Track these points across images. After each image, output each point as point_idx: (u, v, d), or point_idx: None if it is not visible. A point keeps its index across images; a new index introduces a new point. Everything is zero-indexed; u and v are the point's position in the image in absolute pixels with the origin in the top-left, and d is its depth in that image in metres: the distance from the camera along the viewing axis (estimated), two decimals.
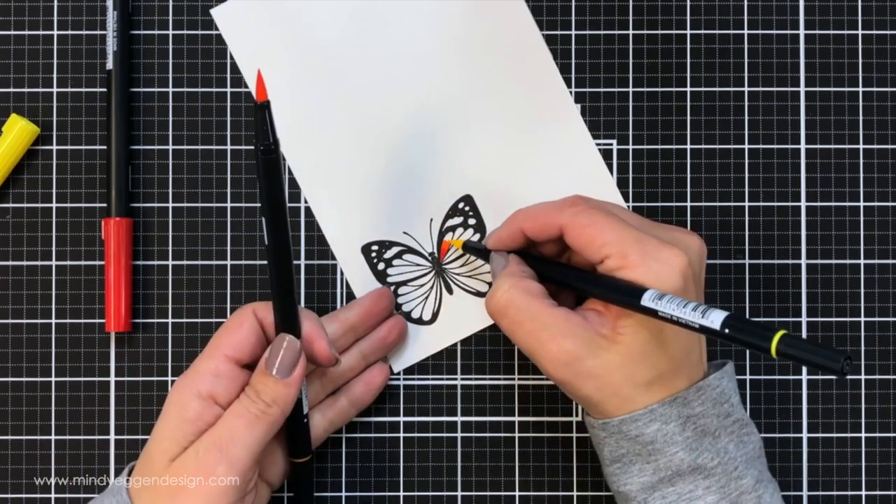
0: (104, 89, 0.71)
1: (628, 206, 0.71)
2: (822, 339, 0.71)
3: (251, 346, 0.63)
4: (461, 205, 0.71)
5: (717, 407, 0.62)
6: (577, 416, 0.71)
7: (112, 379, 0.71)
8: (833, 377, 0.70)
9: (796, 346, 0.54)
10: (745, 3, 0.71)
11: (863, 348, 0.71)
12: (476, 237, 0.71)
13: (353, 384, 0.69)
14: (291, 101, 0.71)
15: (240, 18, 0.71)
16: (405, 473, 0.70)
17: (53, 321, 0.71)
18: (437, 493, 0.70)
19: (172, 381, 0.70)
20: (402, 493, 0.70)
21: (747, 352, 0.70)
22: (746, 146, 0.71)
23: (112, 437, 0.70)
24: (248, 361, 0.64)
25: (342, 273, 0.71)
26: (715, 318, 0.56)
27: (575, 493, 0.70)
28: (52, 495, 0.70)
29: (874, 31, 0.71)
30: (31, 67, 0.71)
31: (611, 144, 0.71)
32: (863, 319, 0.71)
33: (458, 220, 0.71)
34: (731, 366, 0.64)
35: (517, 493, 0.70)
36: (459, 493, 0.70)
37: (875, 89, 0.71)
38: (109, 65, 0.70)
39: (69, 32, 0.71)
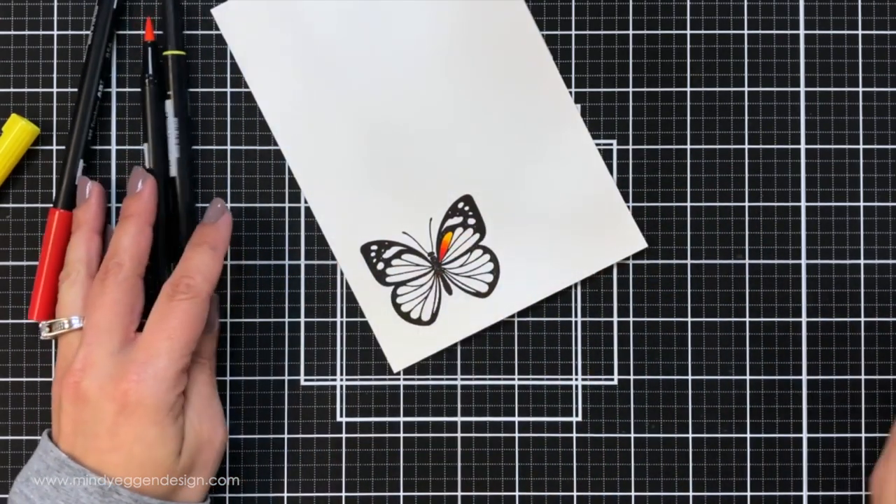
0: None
1: (628, 206, 0.71)
2: (821, 339, 0.71)
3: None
4: (461, 205, 0.71)
5: None
6: (577, 416, 0.71)
7: None
8: (834, 377, 0.70)
9: None
10: (745, 3, 0.71)
11: (863, 348, 0.71)
12: (476, 237, 0.71)
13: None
14: (291, 101, 0.71)
15: (240, 18, 0.71)
16: (405, 473, 0.70)
17: None
18: (437, 493, 0.70)
19: None
20: (402, 493, 0.70)
21: (746, 350, 0.70)
22: (746, 146, 0.71)
23: None
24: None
25: (342, 273, 0.71)
26: None
27: (575, 494, 0.70)
28: None
29: (874, 31, 0.71)
30: (31, 67, 0.71)
31: (611, 144, 0.71)
32: (863, 319, 0.71)
33: (457, 219, 0.71)
34: None
35: (517, 493, 0.70)
36: (459, 493, 0.70)
37: (875, 89, 0.71)
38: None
39: (69, 32, 0.71)
